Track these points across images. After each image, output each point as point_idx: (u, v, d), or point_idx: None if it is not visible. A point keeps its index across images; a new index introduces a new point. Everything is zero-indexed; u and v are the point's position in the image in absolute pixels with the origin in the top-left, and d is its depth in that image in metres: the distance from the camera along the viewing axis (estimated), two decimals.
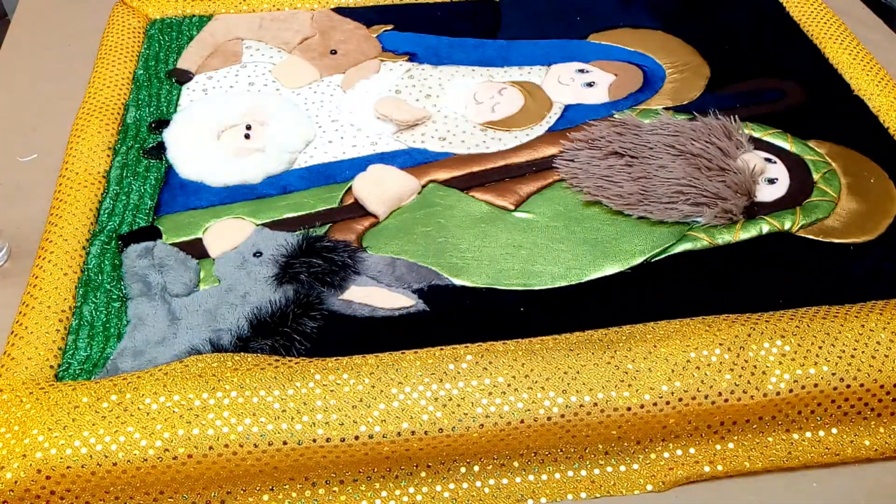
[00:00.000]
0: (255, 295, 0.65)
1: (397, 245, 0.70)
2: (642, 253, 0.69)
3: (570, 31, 0.95)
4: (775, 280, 0.67)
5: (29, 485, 0.51)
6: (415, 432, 0.53)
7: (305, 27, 0.95)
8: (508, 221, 0.72)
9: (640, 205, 0.73)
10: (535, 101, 0.85)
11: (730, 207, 0.72)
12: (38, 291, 0.63)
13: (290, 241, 0.68)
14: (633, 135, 0.79)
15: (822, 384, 0.56)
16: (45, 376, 0.58)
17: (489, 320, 0.64)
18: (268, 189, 0.75)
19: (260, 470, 0.53)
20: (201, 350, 0.61)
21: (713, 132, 0.78)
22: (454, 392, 0.55)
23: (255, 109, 0.82)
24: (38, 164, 0.78)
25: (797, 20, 0.96)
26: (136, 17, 0.93)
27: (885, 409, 0.58)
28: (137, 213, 0.71)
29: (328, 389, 0.54)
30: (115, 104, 0.81)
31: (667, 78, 0.89)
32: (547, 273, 0.68)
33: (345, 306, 0.65)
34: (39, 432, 0.52)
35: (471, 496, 0.56)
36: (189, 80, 0.87)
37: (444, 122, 0.83)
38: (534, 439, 0.56)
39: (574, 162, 0.78)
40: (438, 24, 0.96)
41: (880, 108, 0.83)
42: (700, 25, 0.96)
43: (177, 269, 0.67)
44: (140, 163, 0.76)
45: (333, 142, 0.80)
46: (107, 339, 0.62)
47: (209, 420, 0.52)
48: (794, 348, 0.57)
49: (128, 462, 0.51)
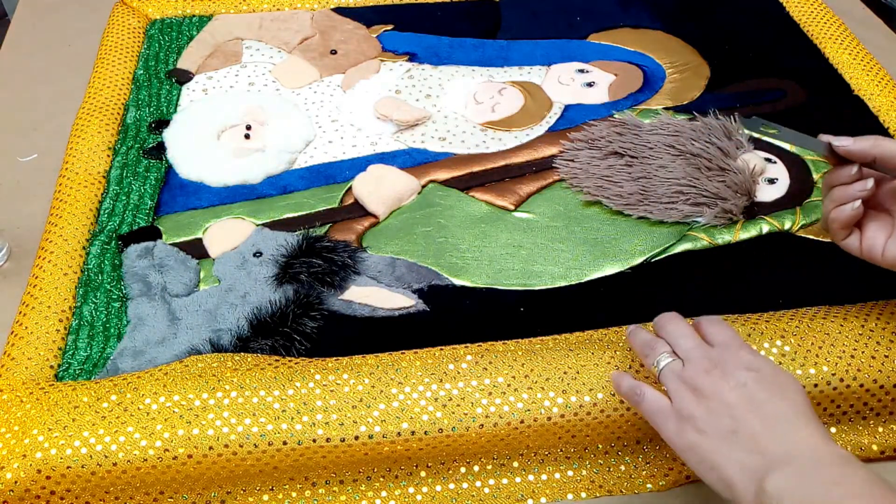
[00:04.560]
0: (255, 295, 0.65)
1: (397, 245, 0.70)
2: (642, 253, 0.69)
3: (570, 31, 0.95)
4: (775, 280, 0.67)
5: (29, 485, 0.51)
6: (415, 432, 0.53)
7: (305, 27, 0.95)
8: (508, 221, 0.72)
9: (640, 205, 0.73)
10: (535, 101, 0.85)
11: (730, 207, 0.72)
12: (37, 291, 0.63)
13: (290, 241, 0.68)
14: (633, 135, 0.79)
15: (822, 384, 0.56)
16: (45, 376, 0.58)
17: (489, 320, 0.64)
18: (268, 189, 0.75)
19: (260, 470, 0.53)
20: (201, 350, 0.61)
21: (713, 132, 0.78)
22: (454, 392, 0.55)
23: (255, 109, 0.82)
24: (38, 164, 0.78)
25: (797, 20, 0.96)
26: (136, 17, 0.93)
27: (884, 409, 0.58)
28: (137, 213, 0.71)
29: (328, 389, 0.54)
30: (115, 104, 0.81)
31: (667, 78, 0.89)
32: (547, 273, 0.68)
33: (345, 306, 0.65)
34: (39, 432, 0.52)
35: (471, 496, 0.56)
36: (189, 80, 0.87)
37: (444, 122, 0.83)
38: (534, 439, 0.56)
39: (574, 162, 0.78)
40: (438, 24, 0.96)
41: (880, 108, 0.83)
42: (700, 25, 0.96)
43: (177, 269, 0.67)
44: (140, 163, 0.76)
45: (333, 142, 0.80)
46: (107, 339, 0.62)
47: (209, 420, 0.52)
48: (793, 348, 0.57)
49: (128, 462, 0.51)
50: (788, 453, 0.44)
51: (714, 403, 0.47)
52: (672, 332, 0.52)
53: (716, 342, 0.51)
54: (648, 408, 0.50)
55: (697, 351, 0.50)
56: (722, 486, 0.45)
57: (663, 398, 0.50)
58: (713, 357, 0.49)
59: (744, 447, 0.45)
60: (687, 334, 0.52)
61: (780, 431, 0.45)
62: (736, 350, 0.50)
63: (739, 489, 0.44)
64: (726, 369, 0.48)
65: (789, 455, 0.44)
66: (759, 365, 0.48)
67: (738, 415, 0.46)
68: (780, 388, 0.47)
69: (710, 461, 0.46)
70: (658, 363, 0.51)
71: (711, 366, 0.49)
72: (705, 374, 0.48)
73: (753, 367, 0.48)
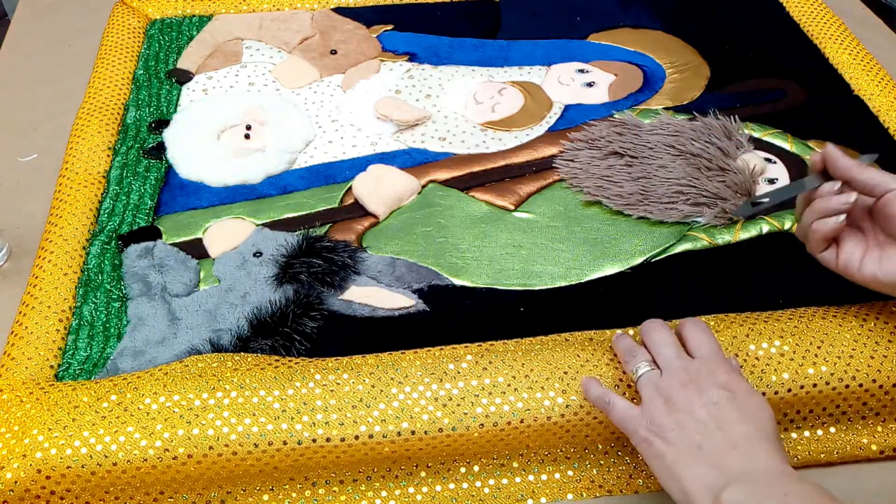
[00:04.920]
0: (255, 295, 0.65)
1: (397, 245, 0.70)
2: (642, 253, 0.69)
3: (570, 31, 0.95)
4: (775, 280, 0.67)
5: (29, 485, 0.51)
6: (415, 432, 0.53)
7: (305, 27, 0.95)
8: (508, 221, 0.72)
9: (640, 205, 0.73)
10: (535, 101, 0.85)
11: (729, 207, 0.72)
12: (37, 291, 0.63)
13: (290, 241, 0.68)
14: (633, 135, 0.79)
15: (822, 384, 0.56)
16: (44, 376, 0.58)
17: (489, 320, 0.64)
18: (268, 189, 0.75)
19: (260, 470, 0.53)
20: (201, 350, 0.61)
21: (713, 132, 0.78)
22: (454, 392, 0.55)
23: (255, 109, 0.82)
24: (38, 164, 0.78)
25: (797, 20, 0.96)
26: (136, 17, 0.93)
27: (884, 409, 0.58)
28: (137, 213, 0.71)
29: (328, 389, 0.54)
30: (115, 104, 0.81)
31: (667, 78, 0.89)
32: (547, 273, 0.68)
33: (345, 306, 0.65)
34: (39, 432, 0.52)
35: (471, 496, 0.56)
36: (189, 80, 0.87)
37: (444, 122, 0.83)
38: (534, 439, 0.56)
39: (574, 162, 0.78)
40: (438, 24, 0.96)
41: (880, 108, 0.83)
42: (700, 25, 0.96)
43: (177, 269, 0.67)
44: (140, 163, 0.76)
45: (333, 142, 0.80)
46: (107, 339, 0.62)
47: (209, 420, 0.52)
48: (793, 348, 0.57)
49: (128, 462, 0.51)
50: (746, 471, 0.47)
51: (685, 417, 0.49)
52: (655, 341, 0.54)
53: (697, 354, 0.53)
54: (618, 415, 0.52)
55: (677, 363, 0.52)
56: (681, 496, 0.48)
57: (633, 406, 0.52)
58: (691, 371, 0.51)
59: (706, 462, 0.47)
60: (669, 343, 0.54)
61: (741, 451, 0.47)
62: (714, 366, 0.51)
63: (697, 501, 0.47)
64: (701, 386, 0.50)
65: (746, 473, 0.46)
66: (733, 386, 0.50)
67: (706, 432, 0.48)
68: (748, 410, 0.49)
69: (673, 471, 0.48)
70: (637, 370, 0.53)
71: (688, 379, 0.51)
72: (681, 387, 0.50)
73: (727, 387, 0.50)
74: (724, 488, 0.46)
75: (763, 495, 0.45)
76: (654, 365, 0.53)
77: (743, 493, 0.45)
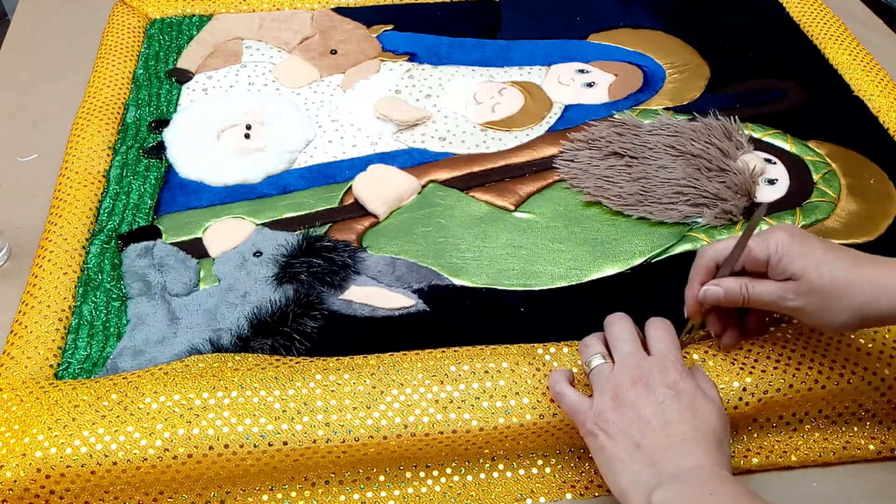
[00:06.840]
0: (255, 295, 0.65)
1: (397, 245, 0.70)
2: (642, 253, 0.69)
3: (570, 31, 0.95)
4: None
5: (28, 484, 0.51)
6: (415, 433, 0.53)
7: (305, 27, 0.95)
8: (508, 221, 0.72)
9: (639, 205, 0.73)
10: (535, 101, 0.85)
11: (730, 208, 0.72)
12: (37, 291, 0.63)
13: (290, 241, 0.68)
14: (633, 135, 0.79)
15: (817, 387, 0.56)
16: (44, 375, 0.58)
17: (489, 320, 0.64)
18: (268, 189, 0.75)
19: (260, 470, 0.53)
20: (201, 350, 0.61)
21: (713, 133, 0.78)
22: (455, 393, 0.55)
23: (255, 109, 0.82)
24: (38, 164, 0.78)
25: (797, 20, 0.96)
26: (136, 17, 0.93)
27: (880, 411, 0.58)
28: (137, 213, 0.71)
29: (328, 389, 0.54)
30: (115, 104, 0.81)
31: (667, 78, 0.89)
32: (547, 273, 0.68)
33: (345, 306, 0.65)
34: (39, 431, 0.52)
35: (470, 496, 0.56)
36: (189, 80, 0.87)
37: (444, 122, 0.83)
38: (533, 439, 0.56)
39: (574, 162, 0.78)
40: (438, 24, 0.96)
41: (880, 109, 0.83)
42: (700, 25, 0.96)
43: (177, 269, 0.67)
44: (140, 162, 0.76)
45: (333, 142, 0.80)
46: (107, 338, 0.62)
47: (209, 420, 0.52)
48: (790, 349, 0.57)
49: (128, 461, 0.51)
50: (678, 471, 0.47)
51: (630, 414, 0.49)
52: (614, 333, 0.54)
53: (653, 351, 0.53)
54: (568, 406, 0.52)
55: (631, 358, 0.52)
56: (618, 492, 0.48)
57: (584, 399, 0.52)
58: (643, 368, 0.51)
59: (641, 461, 0.48)
60: (627, 339, 0.53)
61: (677, 452, 0.48)
62: (667, 365, 0.51)
63: (631, 499, 0.47)
64: (650, 384, 0.50)
65: (678, 473, 0.47)
66: (681, 387, 0.50)
67: (647, 430, 0.49)
68: (693, 412, 0.49)
69: (612, 467, 0.49)
70: (590, 363, 0.53)
71: (638, 376, 0.51)
72: (630, 384, 0.50)
73: (675, 386, 0.50)
74: (656, 488, 0.46)
75: (690, 496, 0.45)
76: (609, 358, 0.53)
77: (671, 493, 0.46)
